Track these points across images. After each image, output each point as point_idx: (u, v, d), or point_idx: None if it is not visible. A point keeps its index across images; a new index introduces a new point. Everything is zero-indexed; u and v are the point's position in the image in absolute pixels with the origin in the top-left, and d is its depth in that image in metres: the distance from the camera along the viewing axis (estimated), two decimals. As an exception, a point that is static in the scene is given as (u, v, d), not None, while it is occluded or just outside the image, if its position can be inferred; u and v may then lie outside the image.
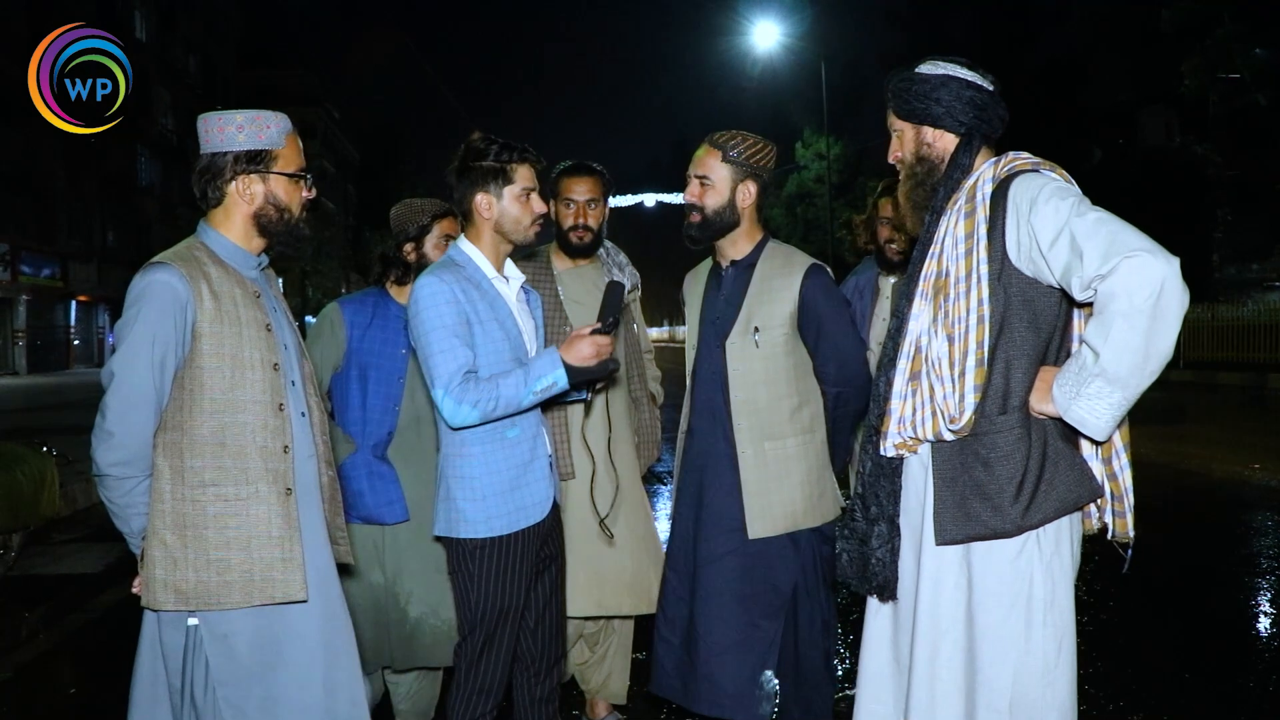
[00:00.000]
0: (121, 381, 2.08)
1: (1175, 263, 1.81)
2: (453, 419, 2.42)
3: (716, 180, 2.84)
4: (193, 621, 2.13)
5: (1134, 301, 1.80)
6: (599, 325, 2.52)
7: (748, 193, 2.85)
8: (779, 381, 2.84)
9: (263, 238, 2.29)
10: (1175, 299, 1.80)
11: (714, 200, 2.84)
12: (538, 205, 2.60)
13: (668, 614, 2.98)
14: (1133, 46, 24.50)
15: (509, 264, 2.67)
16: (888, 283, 4.05)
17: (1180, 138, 24.25)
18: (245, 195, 2.22)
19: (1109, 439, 2.03)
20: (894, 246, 3.91)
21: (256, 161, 2.21)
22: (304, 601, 2.20)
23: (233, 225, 2.25)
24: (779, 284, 2.85)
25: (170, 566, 2.10)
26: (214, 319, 2.14)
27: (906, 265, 3.71)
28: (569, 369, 2.45)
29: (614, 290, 2.68)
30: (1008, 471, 1.99)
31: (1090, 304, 1.91)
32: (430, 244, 3.16)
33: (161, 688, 2.18)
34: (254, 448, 2.16)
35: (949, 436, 2.04)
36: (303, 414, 2.32)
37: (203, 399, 2.13)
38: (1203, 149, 22.27)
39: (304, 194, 2.30)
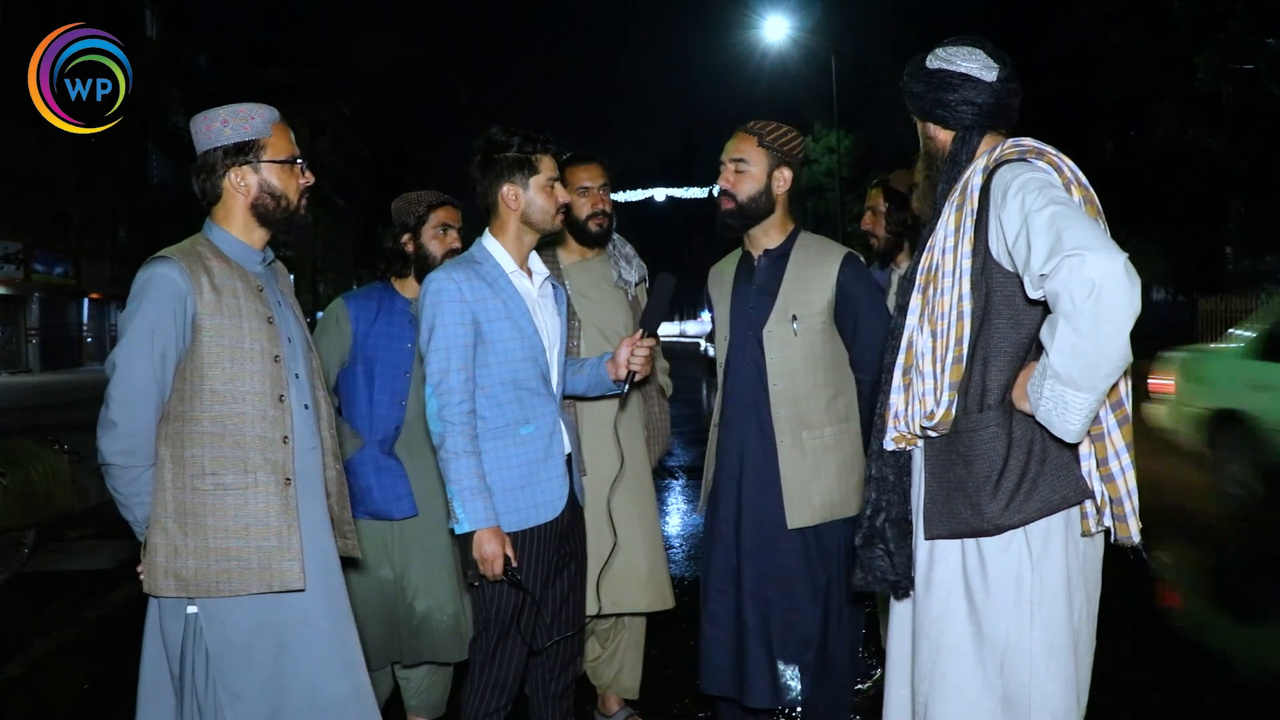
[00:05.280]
0: (123, 373, 2.12)
1: (1119, 260, 1.71)
2: (430, 416, 2.47)
3: (753, 164, 2.83)
4: (191, 609, 2.16)
5: (1075, 302, 1.72)
6: (642, 331, 2.74)
7: (783, 179, 2.85)
8: (817, 370, 2.84)
9: (264, 228, 2.31)
10: (1119, 298, 1.70)
11: (749, 186, 2.83)
12: (561, 195, 2.61)
13: (711, 611, 2.94)
14: (1145, 38, 24.30)
15: (534, 258, 2.66)
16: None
17: (1193, 130, 24.04)
18: (240, 188, 2.25)
19: (1082, 439, 1.91)
20: (874, 238, 3.84)
21: (246, 153, 2.24)
22: (301, 591, 2.21)
23: (233, 220, 2.28)
24: (815, 273, 2.84)
25: (171, 554, 2.14)
26: (214, 311, 2.17)
27: (887, 257, 3.73)
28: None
29: (665, 283, 2.80)
30: (984, 469, 1.95)
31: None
32: (428, 234, 3.17)
33: (165, 676, 2.21)
34: (253, 438, 2.19)
35: (931, 433, 2.03)
36: (306, 406, 2.34)
37: (203, 390, 2.16)
38: (1216, 141, 22.08)
39: (300, 180, 2.32)
